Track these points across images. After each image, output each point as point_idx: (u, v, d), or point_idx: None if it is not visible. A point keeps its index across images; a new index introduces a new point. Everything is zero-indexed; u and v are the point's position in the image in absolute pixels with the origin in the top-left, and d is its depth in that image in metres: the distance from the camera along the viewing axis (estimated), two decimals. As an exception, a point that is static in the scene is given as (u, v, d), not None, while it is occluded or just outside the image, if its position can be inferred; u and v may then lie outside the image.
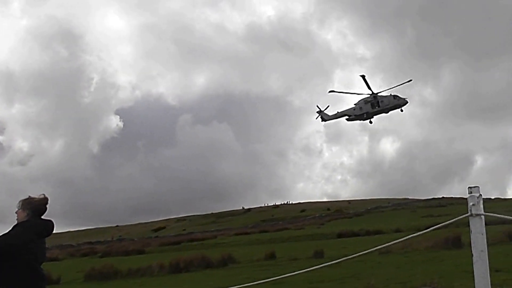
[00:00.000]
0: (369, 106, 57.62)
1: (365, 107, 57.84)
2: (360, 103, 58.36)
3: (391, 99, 56.75)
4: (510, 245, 25.16)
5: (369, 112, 57.92)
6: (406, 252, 26.25)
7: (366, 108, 57.79)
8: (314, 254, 28.23)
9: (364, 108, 57.87)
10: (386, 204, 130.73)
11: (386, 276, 17.48)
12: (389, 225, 55.68)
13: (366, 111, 57.85)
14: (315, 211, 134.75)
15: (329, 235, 52.36)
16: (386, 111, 57.79)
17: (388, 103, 56.84)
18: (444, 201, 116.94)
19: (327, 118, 61.29)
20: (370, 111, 57.85)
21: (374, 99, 57.13)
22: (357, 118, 59.17)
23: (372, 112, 57.96)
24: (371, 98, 57.33)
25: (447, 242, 26.70)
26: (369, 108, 57.68)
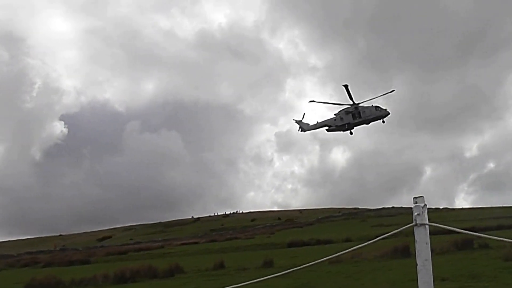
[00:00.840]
0: (350, 117, 57.23)
1: (346, 117, 57.40)
2: (341, 114, 57.86)
3: (372, 110, 56.61)
4: (457, 254, 25.78)
5: (350, 123, 57.43)
6: (355, 262, 26.58)
7: (347, 118, 57.39)
8: (264, 264, 28.27)
9: (345, 118, 57.42)
10: (337, 213, 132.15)
11: (336, 286, 17.69)
12: (340, 234, 56.28)
13: (347, 121, 57.42)
14: (266, 221, 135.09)
15: (279, 245, 52.59)
16: (367, 122, 57.47)
17: (369, 114, 56.66)
18: (394, 210, 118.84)
19: (307, 128, 60.07)
20: (351, 122, 57.40)
21: (355, 109, 56.91)
22: (338, 129, 58.79)
23: (353, 123, 57.46)
24: (352, 109, 57.08)
25: (395, 251, 27.18)
26: (350, 119, 57.26)
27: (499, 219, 60.35)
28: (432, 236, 17.09)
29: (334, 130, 59.04)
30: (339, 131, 59.05)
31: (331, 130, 59.35)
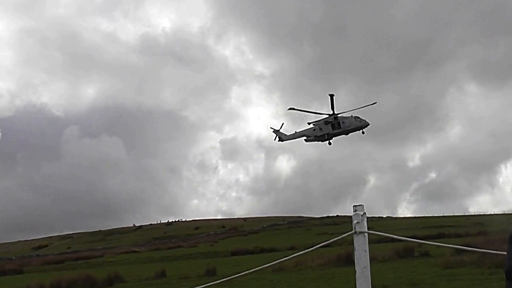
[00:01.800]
0: (330, 127, 56.57)
1: (325, 128, 56.69)
2: (320, 124, 57.04)
3: (352, 120, 55.98)
4: (398, 262, 26.40)
5: (329, 133, 56.85)
6: (299, 270, 26.87)
7: (326, 129, 56.69)
8: (206, 272, 28.29)
9: (324, 129, 56.74)
10: (282, 222, 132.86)
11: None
12: (284, 243, 56.72)
13: (326, 132, 56.76)
14: (210, 229, 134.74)
15: (223, 253, 52.64)
16: (346, 133, 56.92)
17: (349, 124, 56.03)
18: (338, 219, 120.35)
19: (285, 138, 58.85)
20: (330, 132, 56.84)
21: (334, 120, 56.09)
22: (317, 139, 58.10)
23: (333, 133, 56.88)
24: (331, 119, 56.22)
25: (339, 259, 27.64)
26: (330, 129, 56.63)
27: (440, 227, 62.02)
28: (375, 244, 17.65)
29: (313, 140, 58.51)
30: (317, 141, 58.63)
31: (309, 140, 58.76)
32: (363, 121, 55.96)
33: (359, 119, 55.85)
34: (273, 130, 59.80)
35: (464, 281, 17.54)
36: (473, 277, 18.46)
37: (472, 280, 17.65)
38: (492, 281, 16.72)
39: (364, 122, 56.07)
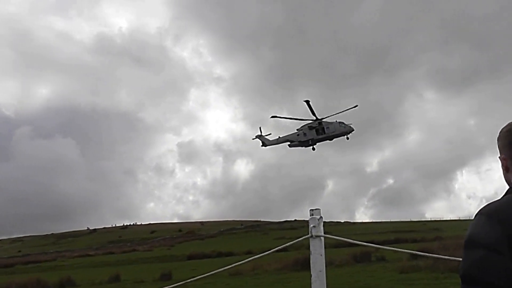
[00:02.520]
0: (314, 133, 56.37)
1: (309, 133, 56.52)
2: (304, 129, 56.88)
3: (337, 126, 55.84)
4: (355, 266, 26.65)
5: (313, 139, 56.64)
6: (256, 274, 26.90)
7: (310, 134, 56.49)
8: (162, 277, 28.08)
9: (308, 134, 56.54)
10: (239, 226, 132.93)
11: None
12: (241, 247, 56.65)
13: (310, 137, 56.56)
14: (166, 233, 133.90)
15: (179, 257, 52.31)
16: (330, 138, 56.71)
17: (334, 130, 55.86)
18: (297, 223, 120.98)
19: (268, 143, 58.92)
20: (315, 138, 56.58)
21: (319, 125, 55.98)
22: (301, 145, 57.91)
23: (317, 139, 56.67)
24: (315, 124, 56.13)
25: (296, 264, 27.74)
26: (314, 135, 56.42)
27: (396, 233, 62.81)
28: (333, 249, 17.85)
29: (297, 145, 58.21)
30: (301, 146, 58.38)
31: (293, 146, 58.47)
32: (348, 127, 55.93)
33: (343, 125, 55.74)
34: (257, 136, 59.01)
35: (420, 286, 17.84)
36: (428, 281, 18.78)
37: (428, 285, 17.96)
38: (447, 285, 17.04)
39: (349, 127, 56.04)
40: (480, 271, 2.44)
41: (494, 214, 2.52)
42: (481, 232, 2.52)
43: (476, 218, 2.60)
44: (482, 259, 2.45)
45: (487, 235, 2.49)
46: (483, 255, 2.45)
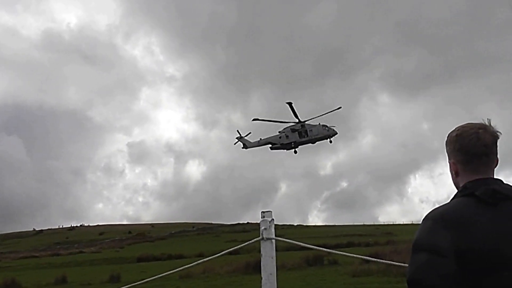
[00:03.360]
0: (296, 135, 55.52)
1: (292, 135, 55.62)
2: (287, 131, 55.96)
3: (320, 129, 55.10)
4: (308, 270, 26.89)
5: (296, 142, 55.72)
6: (206, 277, 26.90)
7: (292, 137, 55.60)
8: (110, 279, 27.81)
9: (291, 136, 55.63)
10: (191, 228, 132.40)
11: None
12: (192, 249, 56.48)
13: (293, 140, 55.63)
14: (115, 234, 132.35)
15: (129, 259, 51.86)
16: (313, 142, 56.00)
17: (317, 133, 55.09)
18: (249, 226, 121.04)
19: (250, 145, 57.58)
20: (297, 141, 55.67)
21: (302, 127, 55.06)
22: (282, 147, 56.88)
23: (300, 142, 55.82)
24: (298, 127, 55.21)
25: (247, 267, 27.82)
26: (296, 137, 55.53)
27: (349, 236, 63.41)
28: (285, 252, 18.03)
29: (279, 148, 57.34)
30: (283, 149, 57.51)
31: (275, 148, 57.58)
32: (331, 130, 55.42)
33: (326, 128, 55.26)
34: (238, 138, 57.94)
35: (371, 290, 18.08)
36: (380, 285, 19.08)
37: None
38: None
39: (332, 131, 55.49)
40: (425, 274, 2.53)
41: (440, 218, 2.62)
42: (426, 236, 2.62)
43: (423, 223, 2.70)
44: (427, 263, 2.54)
45: (432, 239, 2.58)
46: (428, 259, 2.55)
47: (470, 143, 2.76)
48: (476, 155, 2.76)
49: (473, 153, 2.76)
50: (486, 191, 2.65)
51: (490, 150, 2.77)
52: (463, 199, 2.69)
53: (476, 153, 2.75)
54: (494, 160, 2.80)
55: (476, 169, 2.77)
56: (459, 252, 2.53)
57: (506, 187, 2.71)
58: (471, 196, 2.67)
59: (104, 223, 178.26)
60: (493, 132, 2.80)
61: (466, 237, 2.55)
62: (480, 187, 2.68)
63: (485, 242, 2.54)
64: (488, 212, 2.60)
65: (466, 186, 2.75)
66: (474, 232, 2.55)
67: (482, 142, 2.75)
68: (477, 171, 2.77)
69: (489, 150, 2.76)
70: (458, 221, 2.58)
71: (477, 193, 2.66)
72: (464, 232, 2.55)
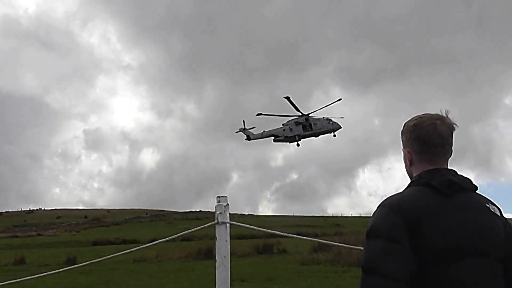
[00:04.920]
0: (300, 128, 54.20)
1: (296, 129, 54.24)
2: (290, 124, 54.50)
3: (324, 122, 54.07)
4: (257, 257, 27.00)
5: (300, 135, 54.46)
6: (160, 261, 26.83)
7: (297, 130, 54.21)
8: (67, 261, 27.47)
9: (295, 129, 54.23)
10: (145, 215, 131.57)
11: (139, 284, 17.67)
12: (146, 235, 56.15)
13: (297, 133, 54.22)
14: (72, 219, 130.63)
15: (84, 243, 51.38)
16: (316, 135, 55.01)
17: (321, 126, 54.15)
18: (201, 214, 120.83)
19: (253, 137, 55.50)
20: (301, 134, 54.44)
21: (306, 121, 53.86)
22: (286, 140, 55.57)
23: (303, 135, 54.61)
24: (302, 120, 53.94)
25: (199, 253, 27.87)
26: (300, 131, 54.21)
27: (298, 227, 63.85)
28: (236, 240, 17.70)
29: (282, 140, 56.07)
30: (287, 142, 56.37)
31: (278, 141, 56.14)
32: (335, 124, 54.58)
33: (331, 122, 54.41)
34: (240, 129, 56.00)
35: (319, 278, 18.21)
36: (327, 274, 19.22)
37: (327, 277, 18.36)
38: (346, 278, 17.48)
39: (336, 125, 54.65)
40: (380, 260, 2.48)
41: (396, 206, 2.57)
42: (382, 223, 2.56)
43: (378, 210, 2.64)
44: (382, 249, 2.49)
45: (388, 226, 2.53)
46: (384, 245, 2.49)
47: (427, 133, 2.73)
48: (432, 146, 2.73)
49: (429, 144, 2.73)
50: (442, 181, 2.62)
51: (446, 141, 2.75)
52: (419, 188, 2.65)
53: (432, 143, 2.72)
54: (449, 151, 2.78)
55: (431, 159, 2.74)
56: (415, 241, 2.48)
57: (460, 178, 2.69)
58: (427, 185, 2.63)
59: (61, 207, 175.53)
60: (450, 123, 2.78)
61: (423, 226, 2.50)
62: (436, 177, 2.65)
63: (441, 232, 2.49)
64: (445, 202, 2.57)
65: (421, 176, 2.71)
66: (431, 221, 2.50)
67: (438, 133, 2.72)
68: (433, 161, 2.74)
69: (445, 141, 2.74)
70: (415, 210, 2.52)
71: (434, 183, 2.62)
72: (421, 221, 2.49)
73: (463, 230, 2.54)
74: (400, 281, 2.43)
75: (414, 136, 2.78)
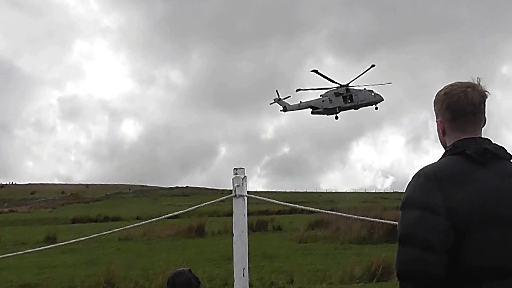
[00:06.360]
0: (341, 100, 54.18)
1: (336, 100, 54.22)
2: (330, 95, 54.46)
3: (366, 94, 54.30)
4: (252, 235, 26.80)
5: (340, 107, 54.48)
6: (147, 239, 26.90)
7: (336, 101, 54.17)
8: (46, 239, 27.46)
9: (334, 101, 54.17)
10: (127, 190, 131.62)
11: (126, 263, 17.78)
12: (130, 212, 56.32)
13: (337, 105, 54.18)
14: (48, 194, 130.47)
15: (63, 220, 51.40)
16: (357, 107, 55.12)
17: (363, 98, 54.26)
18: (188, 190, 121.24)
19: (289, 108, 55.37)
20: (341, 106, 54.42)
21: (346, 92, 53.96)
22: (324, 112, 55.54)
23: (344, 107, 54.65)
24: (342, 91, 54.09)
25: (190, 231, 27.99)
26: (341, 102, 54.19)
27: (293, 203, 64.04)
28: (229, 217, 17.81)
29: (321, 113, 55.95)
30: (325, 114, 56.25)
31: (316, 113, 56.05)
32: (378, 96, 54.64)
33: (373, 93, 54.48)
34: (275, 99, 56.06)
35: (319, 255, 18.40)
36: (326, 251, 19.46)
37: (327, 254, 18.59)
38: (346, 255, 17.69)
39: (379, 97, 54.70)
40: (418, 230, 2.57)
41: (433, 175, 2.64)
42: (419, 193, 2.62)
43: (414, 179, 2.70)
44: (418, 220, 2.56)
45: (425, 196, 2.60)
46: (420, 216, 2.56)
47: (458, 102, 2.79)
48: (463, 114, 2.80)
49: (461, 112, 2.80)
50: (477, 150, 2.70)
51: (478, 109, 2.81)
52: (454, 157, 2.73)
53: (464, 111, 2.79)
54: (482, 119, 2.85)
55: (464, 128, 2.81)
56: (451, 210, 2.56)
57: (495, 146, 2.77)
58: (462, 154, 2.71)
59: (35, 182, 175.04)
60: (482, 91, 2.83)
61: (458, 195, 2.58)
62: (471, 146, 2.72)
63: (477, 201, 2.57)
64: (480, 171, 2.65)
65: (456, 145, 2.78)
66: (466, 190, 2.58)
67: (470, 101, 2.78)
68: (465, 130, 2.81)
69: (477, 109, 2.81)
70: (451, 178, 2.61)
71: (469, 151, 2.69)
72: (456, 190, 2.57)
73: (498, 198, 2.63)
74: (438, 251, 2.53)
75: (445, 105, 2.85)
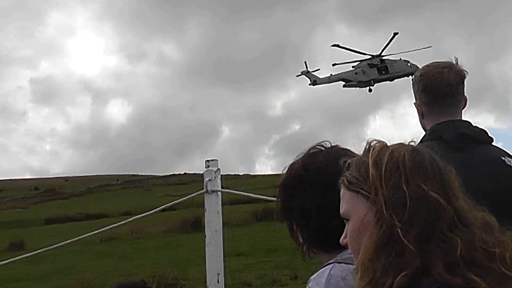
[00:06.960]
0: (375, 72, 57.31)
1: (370, 72, 57.39)
2: (363, 66, 57.56)
3: (402, 64, 57.00)
4: (256, 226, 27.29)
5: (375, 79, 57.71)
6: (135, 239, 27.04)
7: (371, 73, 57.33)
8: (10, 246, 27.61)
9: (368, 73, 57.33)
10: (114, 181, 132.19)
11: (107, 268, 17.76)
12: (117, 207, 56.56)
13: (372, 77, 57.36)
14: (17, 191, 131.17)
15: (35, 222, 51.70)
16: (392, 79, 58.16)
17: (399, 69, 57.00)
18: (186, 177, 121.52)
19: (319, 81, 58.38)
20: (376, 78, 57.66)
21: (381, 62, 56.99)
22: (358, 85, 58.87)
23: (378, 79, 57.91)
24: (377, 61, 57.02)
25: (185, 225, 28.11)
26: (375, 74, 57.33)
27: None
28: (231, 207, 17.85)
29: (354, 85, 58.97)
30: (358, 87, 59.34)
31: (348, 86, 59.20)
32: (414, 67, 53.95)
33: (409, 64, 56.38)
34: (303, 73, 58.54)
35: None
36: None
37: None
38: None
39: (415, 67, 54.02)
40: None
41: None
42: None
43: None
44: None
45: None
46: None
47: (434, 83, 3.04)
48: (440, 96, 3.05)
49: (437, 94, 3.05)
50: (454, 135, 2.94)
51: (456, 90, 3.06)
52: (431, 143, 2.80)
53: (440, 93, 3.05)
54: (461, 100, 3.11)
55: (441, 110, 3.06)
56: None
57: (475, 129, 3.01)
58: (439, 139, 2.92)
59: (2, 178, 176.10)
60: (459, 71, 3.08)
61: None
62: (448, 130, 2.97)
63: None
64: (457, 157, 2.71)
65: (434, 129, 3.03)
66: None
67: (446, 82, 3.03)
68: (443, 112, 3.05)
69: (454, 90, 3.06)
70: None
71: (445, 137, 2.93)
72: None
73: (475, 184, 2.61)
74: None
75: (421, 87, 3.10)
